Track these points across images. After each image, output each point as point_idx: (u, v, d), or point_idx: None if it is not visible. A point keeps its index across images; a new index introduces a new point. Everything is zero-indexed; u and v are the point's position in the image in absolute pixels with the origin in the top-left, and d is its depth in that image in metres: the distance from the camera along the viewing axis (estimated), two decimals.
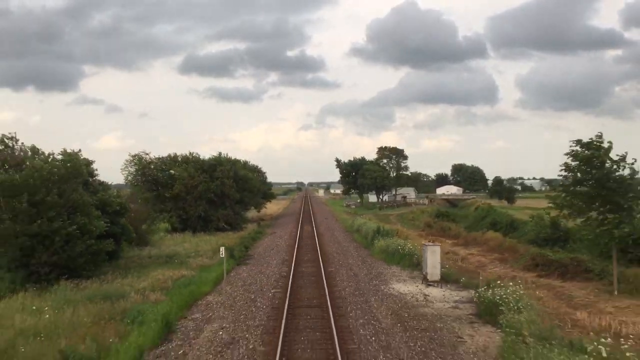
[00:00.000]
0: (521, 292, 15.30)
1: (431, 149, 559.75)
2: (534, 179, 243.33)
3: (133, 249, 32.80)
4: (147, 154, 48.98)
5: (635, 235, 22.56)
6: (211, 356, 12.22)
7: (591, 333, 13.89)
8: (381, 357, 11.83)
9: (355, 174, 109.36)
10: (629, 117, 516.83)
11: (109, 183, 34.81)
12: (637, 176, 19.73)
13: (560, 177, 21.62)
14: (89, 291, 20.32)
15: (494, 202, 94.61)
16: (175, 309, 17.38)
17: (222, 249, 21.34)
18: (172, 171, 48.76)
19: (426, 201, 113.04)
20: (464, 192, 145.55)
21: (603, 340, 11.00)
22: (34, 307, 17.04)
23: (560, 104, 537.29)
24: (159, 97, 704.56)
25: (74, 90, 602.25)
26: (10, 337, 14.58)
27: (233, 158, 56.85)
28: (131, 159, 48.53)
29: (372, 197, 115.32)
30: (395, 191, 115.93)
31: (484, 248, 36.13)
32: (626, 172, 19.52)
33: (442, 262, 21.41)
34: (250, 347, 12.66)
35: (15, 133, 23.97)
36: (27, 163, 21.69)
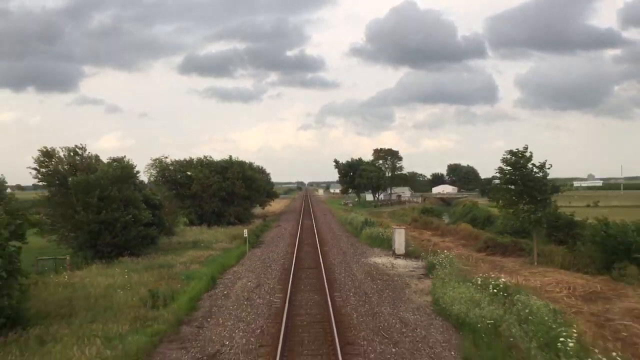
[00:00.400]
0: (451, 256, 22.28)
1: (431, 149, 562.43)
2: None
3: (162, 238, 39.83)
4: (166, 157, 56.03)
5: (557, 222, 29.74)
6: (246, 293, 19.21)
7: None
8: (353, 290, 18.86)
9: (353, 174, 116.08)
10: (628, 116, 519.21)
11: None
12: (548, 177, 26.78)
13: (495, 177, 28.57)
14: (143, 264, 27.22)
15: (483, 200, 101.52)
16: (213, 273, 24.38)
17: (245, 231, 28.54)
18: (188, 172, 55.83)
19: (419, 200, 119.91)
20: (458, 191, 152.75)
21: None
22: (117, 270, 24.09)
23: (560, 104, 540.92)
24: (159, 97, 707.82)
25: (74, 90, 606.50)
26: (103, 289, 21.51)
27: (242, 160, 63.70)
28: (152, 162, 55.60)
29: (369, 196, 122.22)
30: (391, 190, 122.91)
31: (456, 237, 43.00)
32: (542, 174, 26.54)
33: (408, 241, 28.38)
34: (271, 287, 19.70)
35: (85, 144, 30.97)
36: (98, 168, 28.64)
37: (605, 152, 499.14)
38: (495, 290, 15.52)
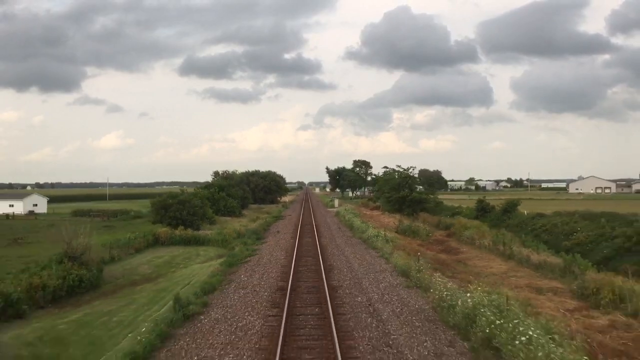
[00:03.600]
0: (350, 206, 77.20)
1: (430, 149, 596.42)
2: (515, 179, 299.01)
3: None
4: (236, 170, 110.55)
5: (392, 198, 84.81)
6: (293, 211, 74.21)
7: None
8: (319, 214, 73.82)
9: (339, 177, 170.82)
10: (623, 119, 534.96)
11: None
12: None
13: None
14: (252, 211, 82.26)
15: None
16: (278, 213, 78.99)
17: (287, 199, 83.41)
18: (249, 178, 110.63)
19: None
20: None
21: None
22: (249, 212, 78.92)
23: (555, 106, 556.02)
24: (159, 97, 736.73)
25: (76, 90, 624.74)
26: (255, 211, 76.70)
27: (274, 171, 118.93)
28: (228, 172, 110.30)
29: (351, 193, 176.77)
30: (364, 189, 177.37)
31: (373, 207, 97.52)
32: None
33: (340, 203, 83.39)
34: (298, 212, 74.78)
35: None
36: (234, 176, 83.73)
37: (604, 152, 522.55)
38: (346, 209, 70.17)
